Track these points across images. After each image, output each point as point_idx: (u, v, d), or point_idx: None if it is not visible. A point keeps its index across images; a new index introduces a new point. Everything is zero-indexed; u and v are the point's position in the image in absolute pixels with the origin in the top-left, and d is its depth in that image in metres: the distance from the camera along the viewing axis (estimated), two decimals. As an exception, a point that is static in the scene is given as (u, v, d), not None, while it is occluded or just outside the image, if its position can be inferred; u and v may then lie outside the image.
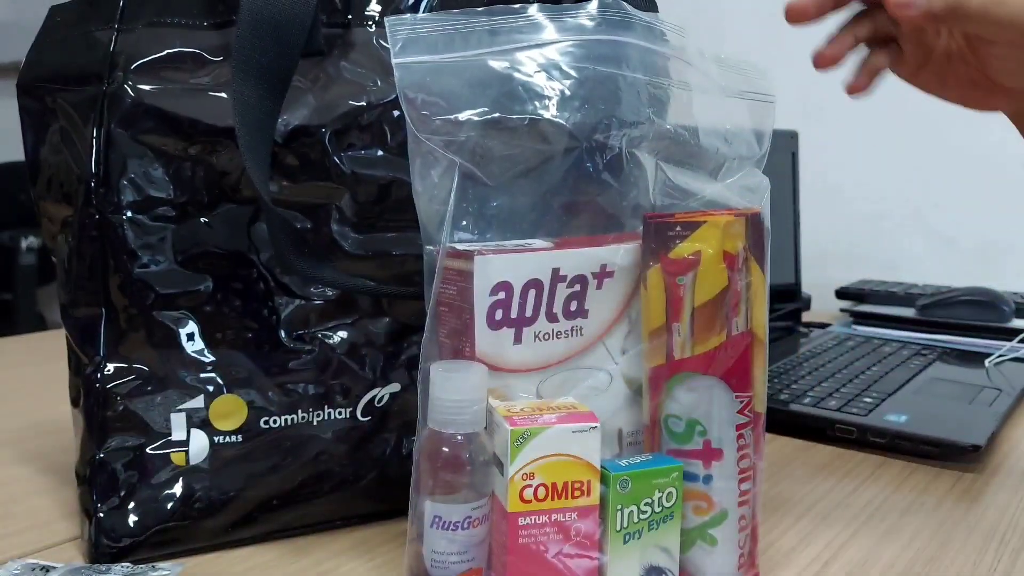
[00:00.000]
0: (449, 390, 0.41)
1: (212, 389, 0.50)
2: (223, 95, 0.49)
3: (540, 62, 0.45)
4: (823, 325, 1.12)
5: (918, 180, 1.30)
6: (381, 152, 0.52)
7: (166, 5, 0.49)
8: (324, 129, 0.50)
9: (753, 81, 0.52)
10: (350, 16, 0.52)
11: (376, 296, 0.53)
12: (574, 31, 0.46)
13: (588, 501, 0.42)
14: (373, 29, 0.53)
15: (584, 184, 0.47)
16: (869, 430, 0.69)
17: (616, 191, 0.48)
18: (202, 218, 0.50)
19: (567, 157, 0.46)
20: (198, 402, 0.50)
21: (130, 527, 0.49)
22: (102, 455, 0.49)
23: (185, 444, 0.50)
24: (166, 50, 0.49)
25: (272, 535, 0.53)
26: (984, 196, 1.25)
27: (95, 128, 0.48)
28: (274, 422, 0.51)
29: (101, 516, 0.49)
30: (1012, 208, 1.23)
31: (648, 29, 0.48)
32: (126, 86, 0.48)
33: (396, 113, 0.52)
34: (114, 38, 0.49)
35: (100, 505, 0.49)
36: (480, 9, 0.45)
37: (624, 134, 0.47)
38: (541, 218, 0.47)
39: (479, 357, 0.44)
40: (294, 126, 0.50)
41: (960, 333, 1.04)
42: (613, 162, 0.47)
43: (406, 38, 0.43)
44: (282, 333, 0.52)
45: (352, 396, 0.53)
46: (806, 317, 1.15)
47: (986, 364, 0.90)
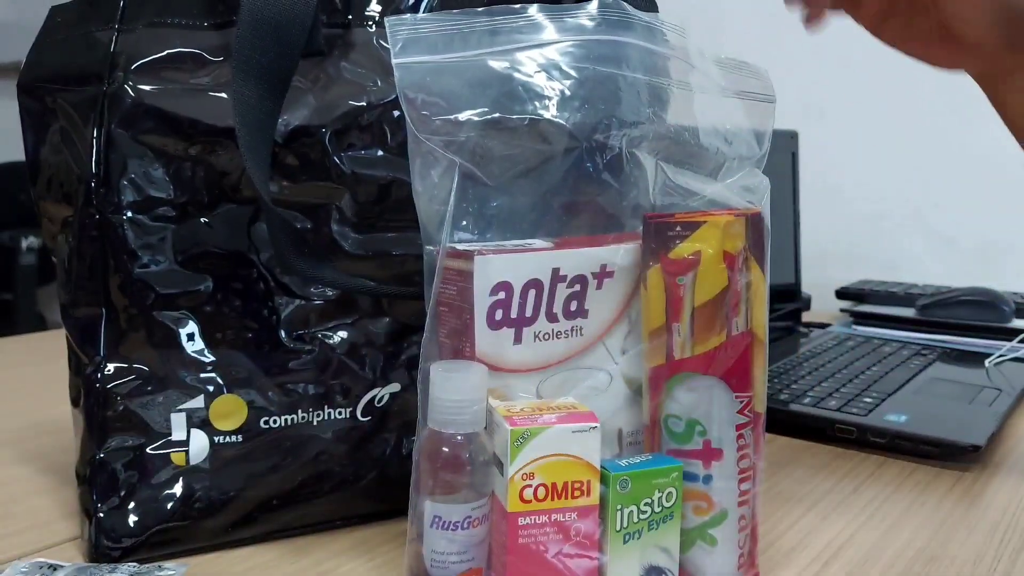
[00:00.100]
0: (449, 390, 0.41)
1: (212, 389, 0.50)
2: (223, 95, 0.49)
3: (540, 62, 0.45)
4: (823, 325, 1.12)
5: (918, 180, 1.30)
6: (381, 152, 0.52)
7: (166, 5, 0.49)
8: (324, 129, 0.50)
9: (753, 81, 0.52)
10: (350, 16, 0.52)
11: (376, 296, 0.53)
12: (574, 31, 0.46)
13: (588, 501, 0.42)
14: (373, 29, 0.53)
15: (584, 184, 0.47)
16: (869, 430, 0.69)
17: (616, 191, 0.48)
18: (202, 218, 0.50)
19: (567, 157, 0.47)
20: (198, 402, 0.50)
21: (130, 527, 0.49)
22: (102, 455, 0.49)
23: (185, 444, 0.50)
24: (166, 50, 0.49)
25: (272, 535, 0.53)
26: (984, 196, 1.25)
27: (95, 128, 0.48)
28: (274, 422, 0.51)
29: (101, 516, 0.49)
30: (1012, 208, 1.23)
31: (648, 29, 0.48)
32: (126, 86, 0.48)
33: (396, 113, 0.52)
34: (114, 38, 0.49)
35: (100, 505, 0.49)
36: (480, 9, 0.45)
37: (624, 134, 0.47)
38: (541, 218, 0.47)
39: (479, 357, 0.44)
40: (294, 126, 0.50)
41: (960, 333, 1.04)
42: (613, 162, 0.47)
43: (406, 38, 0.43)
44: (282, 333, 0.52)
45: (352, 396, 0.53)
46: (806, 317, 1.15)
47: (986, 364, 0.90)
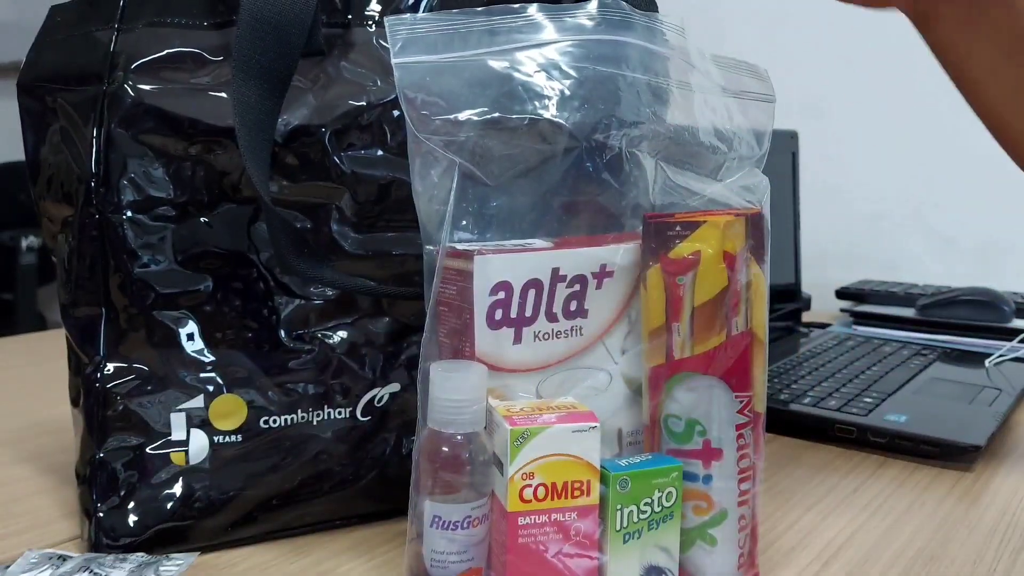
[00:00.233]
0: (449, 390, 0.41)
1: (212, 389, 0.50)
2: (223, 95, 0.49)
3: (540, 62, 0.45)
4: (823, 325, 1.12)
5: (918, 180, 1.30)
6: (381, 152, 0.52)
7: (166, 5, 0.49)
8: (324, 129, 0.50)
9: (753, 81, 0.52)
10: (350, 16, 0.52)
11: (376, 296, 0.53)
12: (574, 31, 0.46)
13: (588, 501, 0.42)
14: (373, 29, 0.53)
15: (584, 184, 0.47)
16: (869, 430, 0.69)
17: (616, 191, 0.48)
18: (202, 218, 0.50)
19: (567, 157, 0.47)
20: (198, 402, 0.50)
21: (130, 527, 0.49)
22: (102, 455, 0.49)
23: (185, 444, 0.50)
24: (166, 50, 0.49)
25: (272, 535, 0.53)
26: (984, 196, 1.25)
27: (95, 128, 0.48)
28: (274, 422, 0.51)
29: (101, 516, 0.49)
30: (1012, 208, 1.23)
31: (648, 29, 0.48)
32: (126, 86, 0.48)
33: (396, 113, 0.52)
34: (114, 38, 0.49)
35: (100, 505, 0.49)
36: (479, 9, 0.45)
37: (624, 134, 0.47)
38: (541, 218, 0.47)
39: (479, 357, 0.44)
40: (294, 126, 0.50)
41: (960, 333, 1.04)
42: (613, 162, 0.47)
43: (406, 38, 0.43)
44: (282, 333, 0.52)
45: (352, 396, 0.53)
46: (806, 317, 1.15)
47: (986, 364, 0.90)
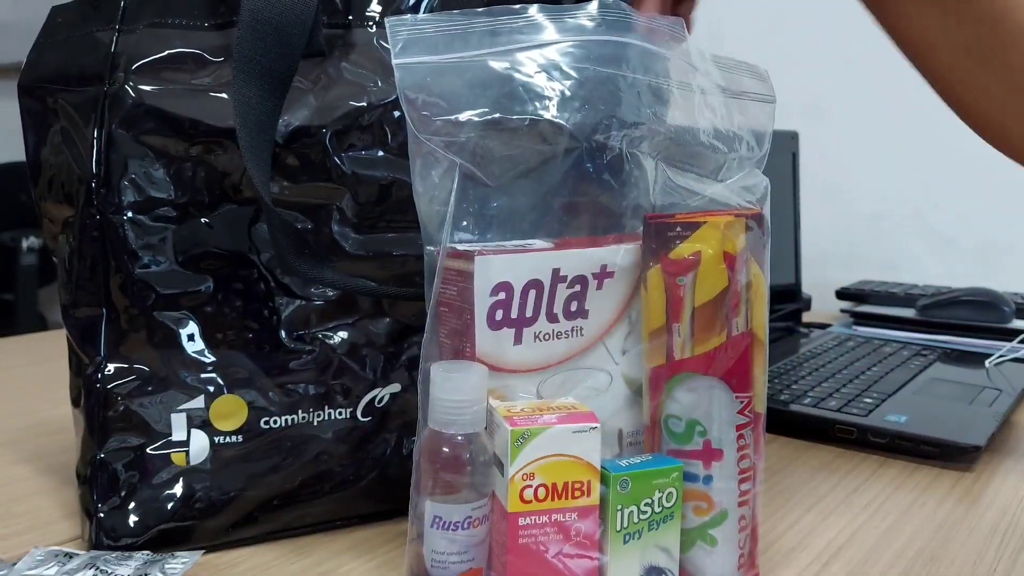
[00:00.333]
0: (449, 390, 0.41)
1: (212, 389, 0.50)
2: (224, 96, 0.49)
3: (540, 63, 0.45)
4: (823, 326, 1.12)
5: (918, 180, 1.30)
6: (382, 153, 0.52)
7: (167, 6, 0.49)
8: (325, 130, 0.50)
9: (753, 82, 0.52)
10: (351, 17, 0.52)
11: (377, 297, 0.53)
12: (574, 31, 0.46)
13: (588, 501, 0.42)
14: (374, 30, 0.53)
15: (584, 185, 0.47)
16: (869, 430, 0.69)
17: (616, 192, 0.48)
18: (203, 219, 0.50)
19: (567, 158, 0.47)
20: (198, 402, 0.50)
21: (130, 527, 0.49)
22: (103, 455, 0.49)
23: (185, 444, 0.50)
24: (167, 51, 0.49)
25: (273, 535, 0.53)
26: (984, 196, 1.25)
27: (96, 128, 0.48)
28: (274, 422, 0.51)
29: (102, 516, 0.49)
30: (1012, 208, 1.23)
31: (648, 30, 0.48)
32: (127, 87, 0.48)
33: (397, 114, 0.52)
34: (115, 39, 0.49)
35: (101, 505, 0.49)
36: (480, 10, 0.45)
37: (624, 135, 0.47)
38: (541, 219, 0.47)
39: (479, 357, 0.44)
40: (295, 127, 0.50)
41: (960, 334, 1.04)
42: (613, 163, 0.47)
43: (406, 38, 0.43)
44: (283, 333, 0.52)
45: (352, 396, 0.53)
46: (806, 318, 1.15)
47: (986, 365, 0.90)
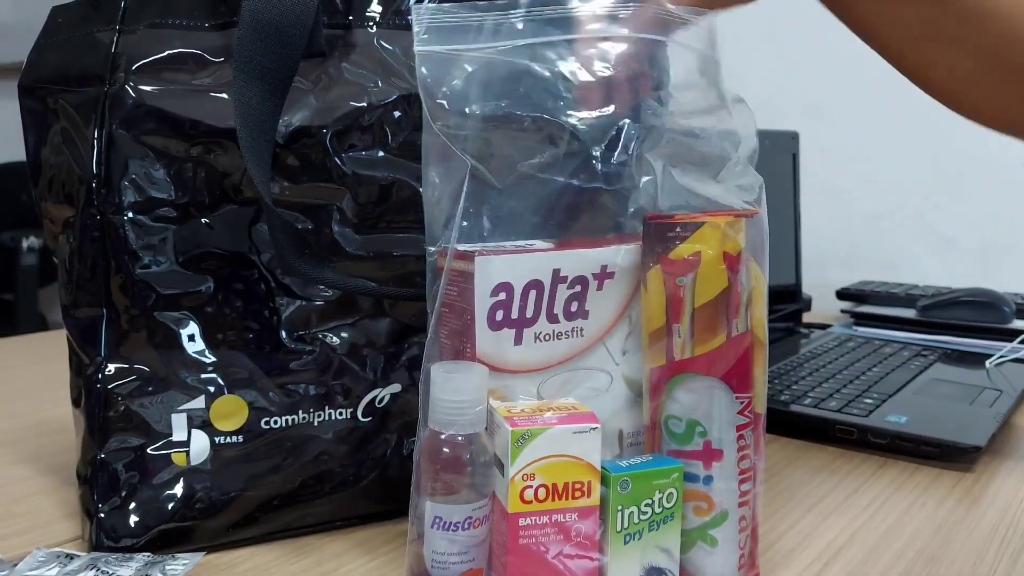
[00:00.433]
0: (450, 391, 0.41)
1: (213, 390, 0.50)
2: (224, 96, 0.49)
3: (560, 59, 0.45)
4: (824, 326, 1.12)
5: (918, 180, 1.30)
6: (382, 153, 0.52)
7: (168, 6, 0.50)
8: (325, 130, 0.50)
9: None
10: (351, 17, 0.52)
11: (377, 297, 0.53)
12: (599, 28, 0.46)
13: (588, 502, 0.42)
14: (374, 30, 0.53)
15: (588, 185, 0.47)
16: (870, 431, 0.69)
17: (622, 193, 0.48)
18: (203, 219, 0.50)
19: (573, 158, 0.46)
20: (199, 403, 0.50)
21: (131, 527, 0.49)
22: (103, 455, 0.49)
23: (186, 444, 0.50)
24: (167, 51, 0.49)
25: (273, 535, 0.53)
26: (984, 196, 1.25)
27: (96, 129, 0.48)
28: (275, 423, 0.51)
29: (102, 516, 0.49)
30: (1012, 209, 1.23)
31: (676, 27, 0.47)
32: (127, 87, 0.48)
33: (397, 114, 0.52)
34: (116, 39, 0.49)
35: (101, 505, 0.49)
36: (503, 1, 0.45)
37: (638, 136, 0.47)
38: (542, 219, 0.47)
39: (480, 358, 0.44)
40: (295, 127, 0.50)
41: (961, 334, 1.04)
42: (622, 164, 0.47)
43: (429, 25, 0.43)
44: (283, 334, 0.52)
45: (353, 397, 0.53)
46: (806, 318, 1.15)
47: (987, 365, 0.90)
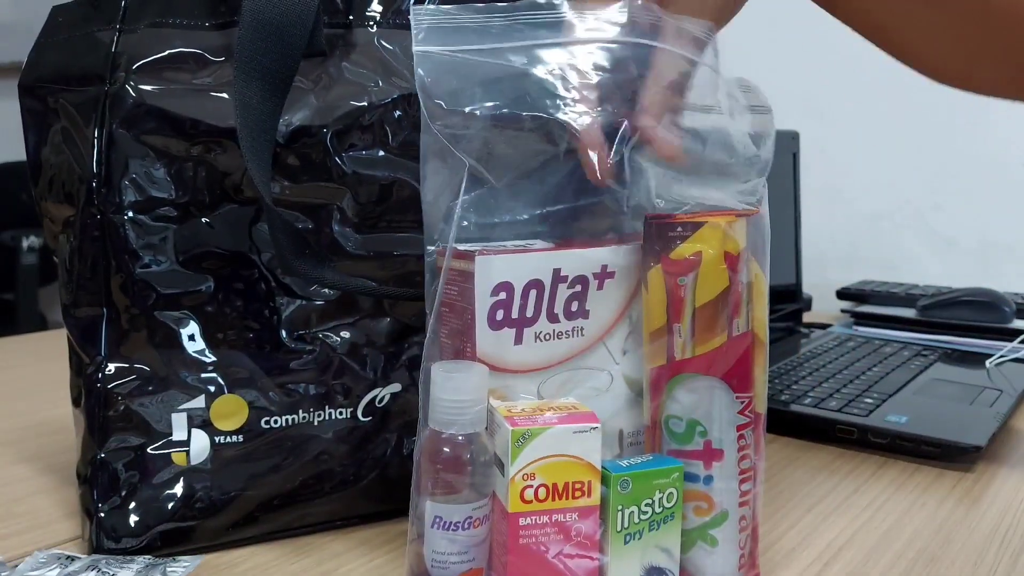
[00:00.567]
0: (450, 390, 0.41)
1: (213, 389, 0.50)
2: (225, 95, 0.49)
3: (558, 62, 0.45)
4: (824, 326, 1.12)
5: (918, 180, 1.30)
6: (382, 152, 0.52)
7: (168, 6, 0.49)
8: (326, 129, 0.50)
9: (748, 95, 0.52)
10: (351, 17, 0.52)
11: (377, 297, 0.53)
12: (598, 31, 0.46)
13: (589, 501, 0.42)
14: (374, 30, 0.53)
15: (588, 186, 0.47)
16: (870, 431, 0.69)
17: (620, 193, 0.48)
18: (204, 218, 0.50)
19: (571, 158, 0.46)
20: (199, 402, 0.50)
21: (131, 527, 0.49)
22: (103, 455, 0.49)
23: (186, 444, 0.50)
24: (168, 50, 0.49)
25: (273, 535, 0.53)
26: (984, 196, 1.25)
27: (97, 128, 0.48)
28: (275, 422, 0.51)
29: (102, 516, 0.49)
30: (1012, 208, 1.23)
31: (678, 33, 0.46)
32: (128, 86, 0.48)
33: (397, 113, 0.52)
34: (116, 38, 0.49)
35: (101, 505, 0.49)
36: (503, 4, 0.45)
37: (633, 141, 0.46)
38: (543, 219, 0.47)
39: (480, 357, 0.44)
40: (295, 126, 0.50)
41: (961, 334, 1.04)
42: (618, 165, 0.47)
43: (428, 27, 0.43)
44: (283, 333, 0.52)
45: (353, 396, 0.53)
46: (807, 318, 1.15)
47: (987, 365, 0.90)
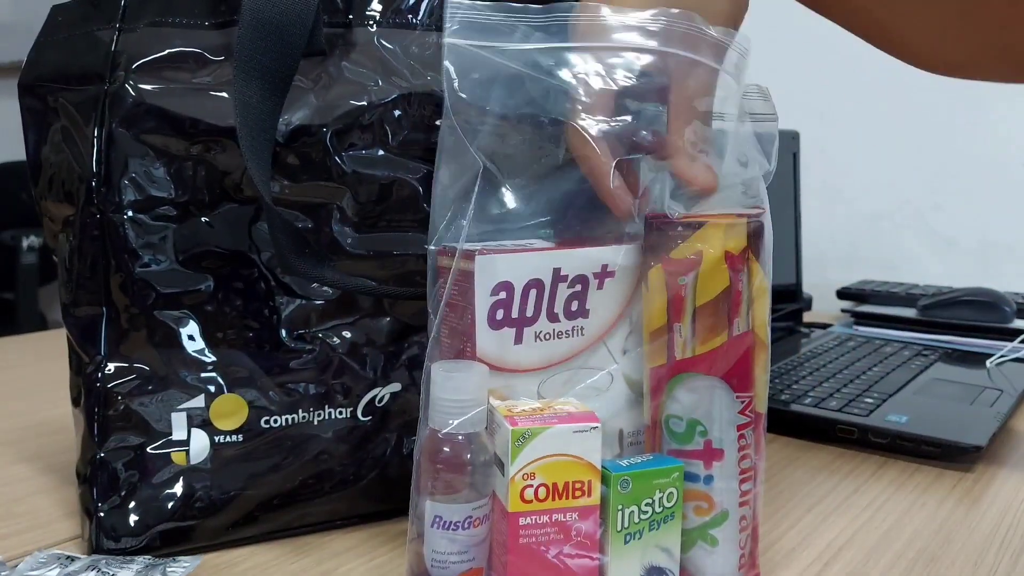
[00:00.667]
0: (450, 390, 0.41)
1: (213, 389, 0.50)
2: (224, 95, 0.49)
3: (585, 66, 0.45)
4: (824, 325, 1.12)
5: (919, 180, 1.30)
6: (382, 152, 0.52)
7: (168, 5, 0.49)
8: (325, 129, 0.50)
9: (758, 102, 0.52)
10: (351, 16, 0.52)
11: (377, 296, 0.53)
12: (628, 38, 0.45)
13: (589, 501, 0.42)
14: (374, 29, 0.53)
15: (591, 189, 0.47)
16: (870, 430, 0.69)
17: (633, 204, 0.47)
18: (203, 218, 0.50)
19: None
20: (199, 402, 0.50)
21: (131, 526, 0.49)
22: (103, 454, 0.49)
23: (186, 444, 0.50)
24: (167, 50, 0.49)
25: (273, 535, 0.53)
26: (984, 196, 1.25)
27: (97, 127, 0.48)
28: (275, 422, 0.51)
29: (102, 515, 0.49)
30: (1013, 208, 1.23)
31: (716, 47, 0.46)
32: (127, 85, 0.48)
33: (397, 113, 0.52)
34: (116, 38, 0.49)
35: (101, 504, 0.49)
36: (538, 7, 0.45)
37: (646, 149, 0.46)
38: (544, 218, 0.47)
39: (480, 357, 0.44)
40: (295, 126, 0.50)
41: (961, 334, 1.04)
42: (622, 166, 0.47)
43: (462, 20, 0.44)
44: (283, 333, 0.52)
45: (353, 396, 0.53)
46: (807, 318, 1.15)
47: (987, 365, 0.90)
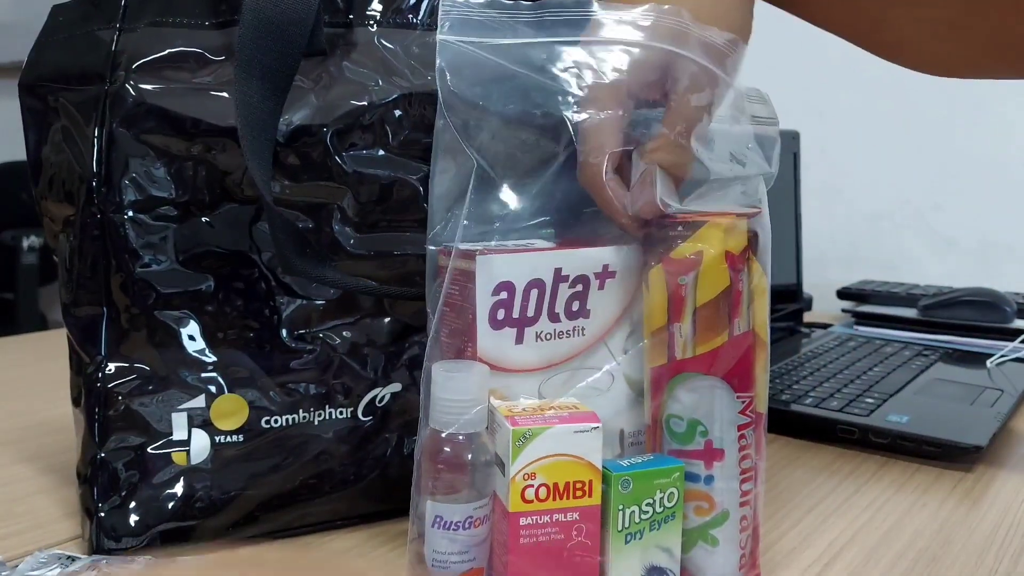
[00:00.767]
0: (451, 390, 0.41)
1: (213, 389, 0.50)
2: (225, 95, 0.49)
3: (577, 61, 0.45)
4: (824, 326, 1.12)
5: (919, 180, 1.30)
6: (383, 152, 0.52)
7: (168, 5, 0.49)
8: (326, 129, 0.50)
9: (757, 106, 0.52)
10: (352, 16, 0.52)
11: (377, 296, 0.53)
12: (623, 33, 0.45)
13: (589, 501, 0.42)
14: (375, 29, 0.53)
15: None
16: (871, 431, 0.69)
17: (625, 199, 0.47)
18: (204, 218, 0.50)
19: (573, 158, 0.46)
20: (199, 402, 0.50)
21: (131, 526, 0.49)
22: (103, 454, 0.49)
23: (186, 444, 0.50)
24: (168, 49, 0.49)
25: (273, 535, 0.53)
26: (984, 196, 1.25)
27: (97, 127, 0.48)
28: (275, 422, 0.51)
29: (102, 515, 0.49)
30: (1013, 208, 1.23)
31: (701, 43, 0.46)
32: (128, 85, 0.48)
33: (398, 113, 0.52)
34: (116, 37, 0.49)
35: (101, 504, 0.49)
36: (529, 4, 0.45)
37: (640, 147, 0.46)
38: (547, 221, 0.47)
39: (481, 357, 0.44)
40: (296, 126, 0.50)
41: (962, 334, 1.04)
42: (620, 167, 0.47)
43: (454, 18, 0.44)
44: (283, 333, 0.52)
45: (353, 396, 0.53)
46: (807, 318, 1.15)
47: (988, 365, 0.90)
